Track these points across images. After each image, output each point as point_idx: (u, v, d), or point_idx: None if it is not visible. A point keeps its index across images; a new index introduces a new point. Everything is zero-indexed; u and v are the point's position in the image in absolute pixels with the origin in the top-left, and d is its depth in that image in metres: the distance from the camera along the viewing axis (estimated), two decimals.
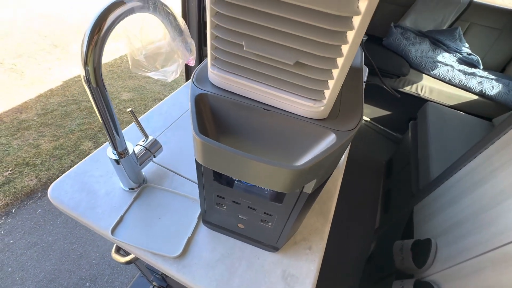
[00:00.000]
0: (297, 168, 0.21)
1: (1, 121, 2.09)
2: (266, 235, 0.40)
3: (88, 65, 0.32)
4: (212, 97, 0.26)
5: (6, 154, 1.87)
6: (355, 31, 0.20)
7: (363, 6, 0.18)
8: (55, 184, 0.48)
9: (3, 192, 1.68)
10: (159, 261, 0.41)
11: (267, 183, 0.23)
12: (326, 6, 0.19)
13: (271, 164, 0.21)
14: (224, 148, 0.22)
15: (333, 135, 0.24)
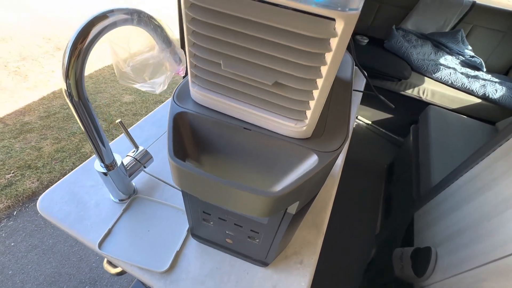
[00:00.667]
0: (274, 195, 0.20)
1: (4, 124, 2.11)
2: (255, 251, 0.39)
3: (70, 78, 0.32)
4: (192, 116, 0.25)
5: (8, 156, 1.88)
6: (333, 52, 0.19)
7: (340, 28, 0.18)
8: (45, 194, 0.47)
9: (5, 194, 1.69)
10: (146, 276, 0.40)
11: (244, 209, 0.22)
12: (303, 28, 0.18)
13: (247, 190, 0.20)
14: (198, 173, 0.21)
15: (315, 157, 0.23)
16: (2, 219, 1.61)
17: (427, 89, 1.77)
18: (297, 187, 0.21)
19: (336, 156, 0.24)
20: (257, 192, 0.20)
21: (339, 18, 0.17)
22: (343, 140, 0.25)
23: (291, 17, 0.18)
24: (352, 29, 0.18)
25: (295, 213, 0.27)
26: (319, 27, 0.18)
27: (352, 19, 0.17)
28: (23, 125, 2.11)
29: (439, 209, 1.03)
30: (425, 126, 1.54)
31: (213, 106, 0.26)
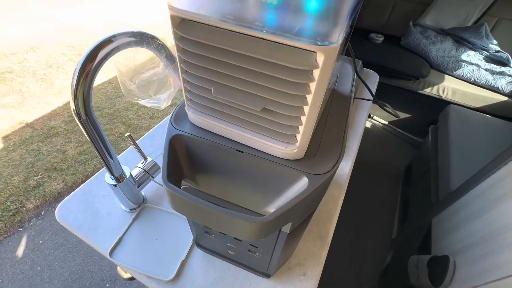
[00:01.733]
0: (262, 220, 0.21)
1: (33, 128, 2.25)
2: (256, 263, 0.40)
3: (78, 98, 0.34)
4: (188, 138, 0.26)
5: (37, 159, 2.01)
6: (316, 82, 0.19)
7: (321, 60, 0.18)
8: (62, 204, 0.51)
9: (34, 195, 1.81)
10: (153, 284, 0.42)
11: (234, 233, 0.23)
12: (287, 60, 0.18)
13: (235, 216, 0.21)
14: (189, 198, 0.22)
15: (305, 180, 0.24)
16: (31, 218, 1.72)
17: (447, 88, 1.69)
18: (286, 211, 0.22)
19: (328, 178, 0.24)
20: (245, 218, 0.21)
21: (319, 52, 0.17)
22: (335, 161, 0.25)
23: (274, 50, 0.19)
24: (333, 60, 0.18)
25: (289, 232, 0.27)
26: (301, 59, 0.18)
27: (332, 52, 0.17)
28: (50, 129, 2.24)
29: (458, 216, 0.98)
30: (445, 126, 1.47)
31: (208, 128, 0.27)
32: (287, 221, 0.24)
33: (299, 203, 0.22)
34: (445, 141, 1.37)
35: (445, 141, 1.37)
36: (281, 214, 0.21)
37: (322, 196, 0.27)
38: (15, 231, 1.66)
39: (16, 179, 1.89)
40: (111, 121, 2.36)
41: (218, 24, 0.19)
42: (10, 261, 1.52)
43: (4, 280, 1.44)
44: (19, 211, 1.74)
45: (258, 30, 0.18)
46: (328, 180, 0.25)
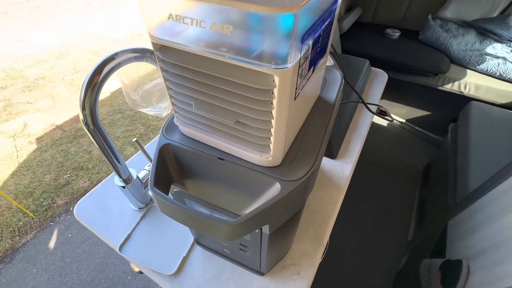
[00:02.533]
0: (233, 223, 0.23)
1: (62, 130, 2.43)
2: (249, 261, 0.42)
3: (86, 109, 0.38)
4: (176, 147, 0.29)
5: (66, 159, 2.17)
6: (277, 99, 0.21)
7: (277, 81, 0.20)
8: (80, 203, 0.56)
9: (63, 192, 1.96)
10: (157, 278, 0.46)
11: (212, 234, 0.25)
12: (249, 81, 0.21)
13: (210, 219, 0.24)
14: (171, 202, 0.25)
15: (278, 186, 0.25)
16: (61, 214, 1.87)
17: (469, 83, 1.60)
18: (258, 214, 0.24)
19: (301, 185, 0.26)
20: (219, 221, 0.23)
21: (275, 74, 0.19)
22: (309, 169, 0.27)
23: (238, 72, 0.21)
24: (289, 80, 0.20)
25: (270, 233, 0.29)
26: (261, 80, 0.20)
27: (287, 73, 0.19)
28: (77, 131, 2.41)
29: (474, 219, 0.94)
30: (465, 124, 1.40)
31: (195, 137, 0.30)
32: (261, 224, 0.26)
33: (271, 207, 0.24)
34: (465, 140, 1.31)
35: (465, 140, 1.31)
36: (252, 217, 0.23)
37: (300, 201, 0.29)
38: (47, 225, 1.81)
39: (48, 177, 2.05)
40: (132, 123, 2.49)
41: (190, 50, 0.21)
42: (43, 253, 1.67)
43: (39, 270, 1.58)
44: (51, 206, 1.89)
45: (222, 55, 0.20)
46: (301, 187, 0.26)
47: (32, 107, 2.65)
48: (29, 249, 1.67)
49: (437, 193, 1.39)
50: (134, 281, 1.57)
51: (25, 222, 1.78)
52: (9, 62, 3.15)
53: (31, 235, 1.74)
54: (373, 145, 1.83)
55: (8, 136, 2.35)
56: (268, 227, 0.28)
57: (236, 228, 0.23)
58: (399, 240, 1.51)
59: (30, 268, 1.58)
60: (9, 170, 2.09)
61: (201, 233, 0.26)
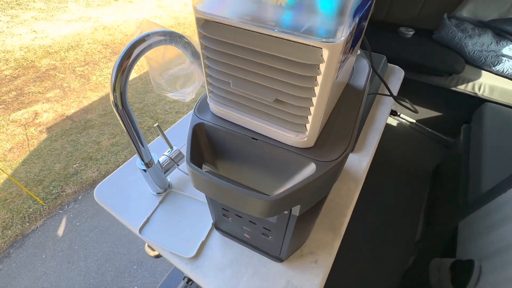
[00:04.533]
0: (270, 199, 0.23)
1: (72, 121, 2.46)
2: (269, 247, 0.42)
3: (116, 91, 0.38)
4: (208, 127, 0.30)
5: (75, 149, 2.20)
6: (323, 76, 0.21)
7: (326, 55, 0.20)
8: (99, 186, 0.57)
9: (72, 181, 1.99)
10: (176, 260, 0.47)
11: (246, 209, 0.26)
12: (295, 56, 0.21)
13: (246, 193, 0.24)
14: (207, 177, 0.25)
15: (313, 166, 0.26)
16: (70, 202, 1.90)
17: (484, 84, 1.58)
18: (293, 193, 0.24)
19: (335, 166, 0.26)
20: (256, 196, 0.23)
21: (324, 48, 0.19)
22: (343, 150, 0.27)
23: (285, 46, 0.21)
24: (337, 55, 0.20)
25: (298, 215, 0.30)
26: (309, 54, 0.20)
27: (336, 48, 0.19)
28: (86, 122, 2.44)
29: (487, 220, 0.93)
30: (479, 125, 1.38)
31: (227, 118, 0.30)
32: (295, 203, 0.26)
33: (305, 186, 0.24)
34: (478, 141, 1.29)
35: (478, 141, 1.29)
36: (288, 194, 0.24)
37: (330, 183, 0.29)
38: (56, 213, 1.84)
39: (57, 166, 2.08)
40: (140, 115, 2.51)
41: (236, 25, 0.22)
42: (52, 239, 1.70)
43: (47, 256, 1.61)
44: (60, 195, 1.92)
45: (270, 29, 0.20)
46: (335, 168, 0.26)
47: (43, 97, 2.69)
48: (38, 235, 1.71)
49: (448, 194, 1.38)
50: (140, 270, 1.59)
51: (35, 209, 1.81)
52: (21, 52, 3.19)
53: (41, 222, 1.77)
54: (382, 145, 1.82)
55: (19, 124, 2.39)
56: (299, 208, 0.28)
57: (272, 204, 0.24)
58: (407, 240, 1.50)
59: (39, 254, 1.61)
60: (20, 158, 2.12)
61: (235, 208, 0.26)
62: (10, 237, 1.68)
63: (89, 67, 3.11)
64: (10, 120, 2.40)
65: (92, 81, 2.90)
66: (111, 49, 3.42)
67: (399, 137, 2.02)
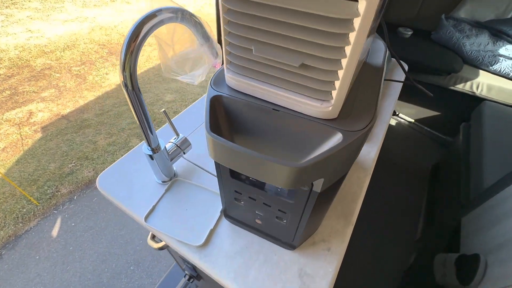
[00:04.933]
0: (296, 166, 0.22)
1: (68, 120, 2.42)
2: (282, 232, 0.41)
3: (126, 71, 0.37)
4: (226, 99, 0.28)
5: (71, 148, 2.16)
6: (356, 32, 0.20)
7: (362, 7, 0.19)
8: (103, 174, 0.55)
9: (67, 181, 1.95)
10: (184, 249, 0.45)
11: (270, 179, 0.24)
12: (326, 10, 0.20)
13: (272, 161, 0.22)
14: (229, 145, 0.24)
15: (339, 135, 0.24)
16: (65, 202, 1.85)
17: (482, 84, 1.60)
18: (320, 161, 0.23)
19: (361, 136, 0.25)
20: (281, 163, 0.22)
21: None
22: (369, 121, 0.26)
23: (315, 1, 0.20)
24: (374, 9, 0.19)
25: (320, 191, 0.28)
26: (342, 8, 0.19)
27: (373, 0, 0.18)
28: (83, 121, 2.40)
29: (491, 214, 0.93)
30: (479, 123, 1.39)
31: (245, 90, 0.29)
32: (319, 175, 0.25)
33: (332, 156, 0.23)
34: (479, 139, 1.30)
35: (479, 139, 1.30)
36: (316, 163, 0.22)
37: (353, 157, 0.28)
38: (51, 213, 1.79)
39: (52, 165, 2.04)
40: None
41: None
42: (46, 240, 1.65)
43: (41, 257, 1.56)
44: (54, 195, 1.88)
45: None
46: (361, 139, 0.25)
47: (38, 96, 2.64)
48: (32, 236, 1.66)
49: (448, 191, 1.38)
50: (137, 271, 1.55)
51: (29, 209, 1.76)
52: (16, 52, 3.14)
53: (34, 222, 1.72)
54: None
55: (13, 124, 2.34)
56: (322, 182, 0.27)
57: (298, 172, 0.22)
58: (407, 238, 1.50)
59: (33, 255, 1.56)
60: (14, 157, 2.07)
61: (257, 177, 0.25)
62: (2, 238, 1.62)
63: (85, 66, 3.08)
64: (4, 119, 2.35)
65: (88, 80, 2.87)
66: (108, 49, 3.39)
67: (398, 137, 2.03)
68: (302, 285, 0.41)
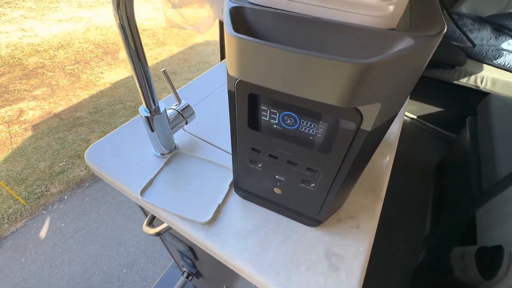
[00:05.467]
0: (362, 62, 0.16)
1: (60, 118, 2.33)
2: (307, 203, 0.34)
3: (121, 7, 0.31)
4: (250, 11, 0.22)
5: (62, 147, 2.07)
6: None
7: None
8: (92, 147, 0.48)
9: (58, 180, 1.85)
10: (187, 227, 0.38)
11: (317, 93, 0.18)
12: None
13: (326, 57, 0.16)
14: (265, 44, 0.17)
15: (408, 40, 0.18)
16: (55, 202, 1.75)
17: (486, 77, 1.57)
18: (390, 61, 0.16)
19: (434, 43, 0.19)
20: (341, 59, 0.16)
21: None
22: (441, 29, 0.20)
23: None
24: None
25: (371, 129, 0.22)
26: None
27: None
28: (75, 120, 2.31)
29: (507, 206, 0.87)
30: (486, 116, 1.35)
31: (273, 3, 0.23)
32: (379, 94, 0.19)
33: (403, 58, 0.17)
34: (487, 131, 1.26)
35: (487, 131, 1.26)
36: (385, 61, 0.16)
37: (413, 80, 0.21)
38: (39, 213, 1.69)
39: (42, 164, 1.94)
40: (133, 114, 2.40)
41: None
42: (33, 242, 1.54)
43: (27, 260, 1.45)
44: (44, 194, 1.77)
45: None
46: (433, 46, 0.19)
47: (29, 94, 2.55)
48: (18, 237, 1.55)
49: (457, 186, 1.33)
50: (130, 274, 1.45)
51: (16, 210, 1.66)
52: (7, 50, 3.05)
53: (21, 223, 1.61)
54: None
55: (2, 122, 2.24)
56: (379, 109, 0.20)
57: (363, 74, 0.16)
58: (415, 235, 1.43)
59: (18, 258, 1.45)
60: (1, 156, 1.97)
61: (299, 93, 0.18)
62: None
63: (79, 65, 3.00)
64: None
65: (82, 79, 2.79)
66: (103, 49, 3.33)
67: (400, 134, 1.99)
68: (330, 266, 0.34)
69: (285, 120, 0.26)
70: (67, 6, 4.12)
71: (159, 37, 3.66)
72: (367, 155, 0.27)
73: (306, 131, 0.26)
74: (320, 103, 0.22)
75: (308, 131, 0.25)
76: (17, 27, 3.48)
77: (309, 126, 0.25)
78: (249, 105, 0.26)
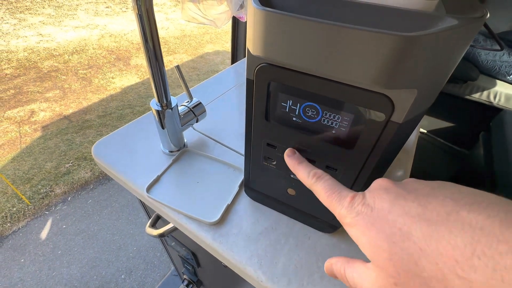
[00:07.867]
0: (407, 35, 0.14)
1: (69, 120, 2.36)
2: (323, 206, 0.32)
3: None
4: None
5: (69, 148, 2.08)
6: None
7: None
8: (99, 142, 0.47)
9: (63, 181, 1.85)
10: (194, 227, 0.36)
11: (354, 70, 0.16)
12: None
13: (365, 30, 0.14)
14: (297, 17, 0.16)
15: (450, 19, 0.17)
16: (58, 203, 1.74)
17: (499, 93, 1.54)
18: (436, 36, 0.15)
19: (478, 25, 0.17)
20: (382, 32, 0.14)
21: None
22: (483, 13, 0.18)
23: None
24: None
25: (402, 121, 0.20)
26: None
27: None
28: (84, 122, 2.34)
29: None
30: (500, 132, 1.32)
31: None
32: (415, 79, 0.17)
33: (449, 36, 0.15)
34: (502, 147, 1.22)
35: (502, 147, 1.22)
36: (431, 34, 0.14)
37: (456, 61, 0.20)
38: (42, 213, 1.68)
39: (49, 165, 1.95)
40: None
41: None
42: (33, 242, 1.52)
43: (26, 260, 1.43)
44: (48, 195, 1.77)
45: None
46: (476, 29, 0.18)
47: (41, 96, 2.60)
48: (19, 237, 1.53)
49: None
50: (128, 280, 1.41)
51: (19, 209, 1.65)
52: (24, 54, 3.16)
53: (24, 222, 1.60)
54: None
55: (13, 122, 2.28)
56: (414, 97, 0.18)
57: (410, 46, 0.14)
58: None
59: (18, 258, 1.43)
60: (10, 155, 1.99)
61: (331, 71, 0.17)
62: None
63: (92, 70, 3.07)
64: (4, 117, 2.29)
65: (94, 83, 2.85)
66: (116, 55, 3.41)
67: None
68: None
69: (306, 112, 0.24)
70: (84, 13, 4.28)
71: (170, 45, 3.74)
72: (393, 153, 0.25)
73: (328, 124, 0.24)
74: (348, 91, 0.20)
75: (331, 124, 0.24)
76: (35, 32, 3.61)
77: (333, 119, 0.23)
78: (268, 95, 0.25)
